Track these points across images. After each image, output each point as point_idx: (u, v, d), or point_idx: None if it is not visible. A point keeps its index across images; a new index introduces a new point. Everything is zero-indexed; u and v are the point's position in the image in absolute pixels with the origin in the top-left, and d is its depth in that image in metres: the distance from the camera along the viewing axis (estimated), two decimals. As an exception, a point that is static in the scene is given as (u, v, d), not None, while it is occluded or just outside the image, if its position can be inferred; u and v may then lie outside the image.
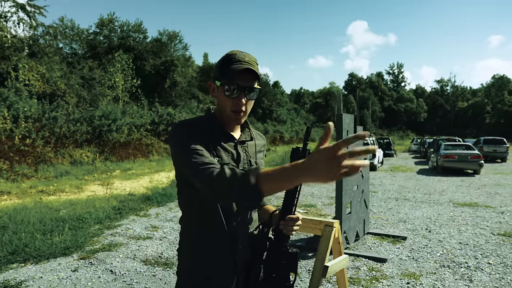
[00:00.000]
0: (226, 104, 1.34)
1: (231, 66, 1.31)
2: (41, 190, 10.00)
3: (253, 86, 1.33)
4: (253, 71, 1.30)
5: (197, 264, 1.35)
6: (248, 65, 1.30)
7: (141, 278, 4.22)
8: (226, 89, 1.31)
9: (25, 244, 5.07)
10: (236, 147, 1.39)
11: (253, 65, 1.32)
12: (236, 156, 1.38)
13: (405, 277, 4.25)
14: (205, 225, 1.34)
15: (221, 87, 1.34)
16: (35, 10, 24.81)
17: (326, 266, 2.72)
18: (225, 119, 1.39)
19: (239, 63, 1.30)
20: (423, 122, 79.22)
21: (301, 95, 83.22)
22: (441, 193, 10.38)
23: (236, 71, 1.28)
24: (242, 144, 1.43)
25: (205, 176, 1.14)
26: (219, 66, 1.36)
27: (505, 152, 21.75)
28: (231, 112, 1.34)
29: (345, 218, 5.09)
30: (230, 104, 1.33)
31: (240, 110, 1.34)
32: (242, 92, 1.32)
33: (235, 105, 1.33)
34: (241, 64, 1.30)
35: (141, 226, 6.49)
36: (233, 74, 1.29)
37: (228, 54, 1.35)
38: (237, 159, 1.38)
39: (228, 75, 1.30)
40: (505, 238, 5.81)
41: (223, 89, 1.32)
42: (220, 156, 1.32)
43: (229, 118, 1.37)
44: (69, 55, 35.97)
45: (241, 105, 1.33)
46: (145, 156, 19.95)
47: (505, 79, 79.43)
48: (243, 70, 1.29)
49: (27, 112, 14.69)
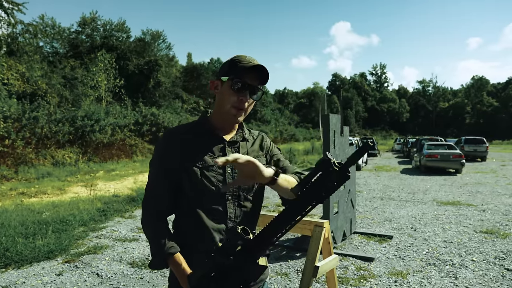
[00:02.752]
0: (229, 100, 1.34)
1: (241, 64, 1.32)
2: (22, 192, 9.77)
3: (259, 87, 1.35)
4: (264, 72, 1.32)
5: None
6: (259, 64, 1.32)
7: (128, 281, 4.15)
8: (234, 83, 1.31)
9: (6, 248, 4.92)
10: (224, 148, 1.38)
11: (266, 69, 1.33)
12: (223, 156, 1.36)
13: (393, 275, 4.30)
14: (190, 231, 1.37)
15: (227, 82, 1.34)
16: (13, 7, 24.15)
17: (317, 266, 2.72)
18: (222, 116, 1.39)
19: (249, 63, 1.33)
20: (405, 122, 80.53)
21: (285, 95, 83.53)
22: (424, 192, 10.56)
23: (246, 67, 1.31)
24: (233, 145, 1.41)
25: (143, 210, 1.39)
26: (228, 63, 1.37)
27: (485, 151, 22.28)
28: (231, 107, 1.34)
29: (333, 218, 5.12)
30: (234, 99, 1.33)
31: (242, 107, 1.34)
32: (248, 90, 1.33)
33: (239, 101, 1.33)
34: (251, 63, 1.33)
35: (126, 228, 6.40)
36: (243, 70, 1.31)
37: (238, 55, 1.38)
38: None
39: (238, 71, 1.32)
40: (487, 236, 5.94)
41: (230, 84, 1.33)
42: (204, 160, 1.33)
43: (229, 114, 1.35)
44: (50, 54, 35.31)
45: (244, 102, 1.33)
46: (129, 157, 19.72)
47: (483, 80, 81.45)
48: (254, 66, 1.31)
49: (6, 112, 14.32)
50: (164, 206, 1.37)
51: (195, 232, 1.35)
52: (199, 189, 1.33)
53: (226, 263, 1.09)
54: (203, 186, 1.33)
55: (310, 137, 51.09)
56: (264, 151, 1.51)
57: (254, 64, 1.32)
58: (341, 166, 0.92)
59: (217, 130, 1.40)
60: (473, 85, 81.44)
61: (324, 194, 0.94)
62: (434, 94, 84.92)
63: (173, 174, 1.35)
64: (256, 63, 1.32)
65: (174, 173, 1.35)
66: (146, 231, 1.37)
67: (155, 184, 1.38)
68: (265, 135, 1.57)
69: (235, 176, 1.36)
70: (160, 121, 23.47)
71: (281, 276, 4.28)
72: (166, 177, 1.36)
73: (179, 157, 1.34)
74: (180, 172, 1.34)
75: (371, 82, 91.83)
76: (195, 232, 1.35)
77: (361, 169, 17.26)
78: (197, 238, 1.34)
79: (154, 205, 1.37)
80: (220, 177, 1.35)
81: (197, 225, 1.34)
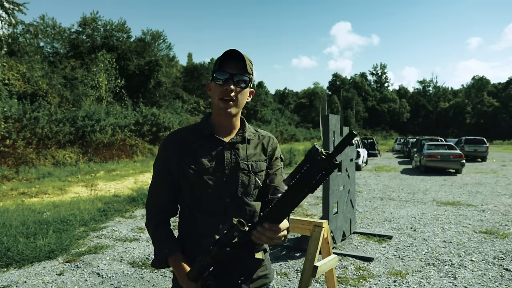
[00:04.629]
0: (215, 94, 1.36)
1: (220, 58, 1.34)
2: (22, 192, 9.79)
3: (241, 74, 1.34)
4: (241, 58, 1.32)
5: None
6: (232, 49, 1.31)
7: (128, 280, 4.17)
8: (215, 78, 1.34)
9: (7, 248, 4.95)
10: (223, 151, 1.38)
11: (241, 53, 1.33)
12: (221, 159, 1.36)
13: (392, 275, 4.32)
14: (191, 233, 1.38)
15: (213, 80, 1.37)
16: (14, 7, 24.20)
17: (316, 266, 2.74)
18: (217, 114, 1.40)
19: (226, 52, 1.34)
20: (406, 122, 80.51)
21: (286, 95, 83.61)
22: (424, 192, 10.57)
23: (222, 57, 1.32)
24: (232, 146, 1.40)
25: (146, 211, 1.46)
26: (214, 64, 1.40)
27: (485, 151, 22.28)
28: (219, 100, 1.34)
29: (332, 218, 5.14)
30: (219, 91, 1.34)
31: (228, 96, 1.33)
32: (230, 79, 1.33)
33: (223, 91, 1.33)
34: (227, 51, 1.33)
35: (127, 228, 6.42)
36: (221, 62, 1.33)
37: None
38: (221, 163, 1.36)
39: (217, 65, 1.34)
40: (486, 236, 5.95)
41: (214, 80, 1.36)
42: (202, 162, 1.34)
43: (219, 108, 1.36)
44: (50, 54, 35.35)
45: (229, 91, 1.33)
46: (129, 157, 19.73)
47: (484, 80, 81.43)
48: (228, 54, 1.31)
49: (7, 112, 14.34)
50: (164, 206, 1.40)
51: (195, 234, 1.35)
52: (197, 191, 1.35)
53: (224, 255, 1.10)
54: (201, 189, 1.34)
55: (311, 137, 51.13)
56: (268, 156, 1.47)
57: (228, 50, 1.31)
58: (328, 155, 0.93)
59: (217, 131, 1.40)
60: (473, 85, 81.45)
61: (314, 182, 0.96)
62: (435, 94, 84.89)
63: (172, 175, 1.38)
64: (230, 49, 1.32)
65: (173, 174, 1.38)
66: (149, 230, 1.42)
67: (155, 184, 1.43)
68: (274, 138, 1.54)
69: (233, 178, 1.36)
70: (161, 121, 23.49)
71: (280, 276, 4.30)
72: (166, 178, 1.40)
73: (178, 160, 1.37)
74: (179, 175, 1.37)
75: (371, 82, 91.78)
76: (195, 234, 1.36)
77: (361, 169, 17.27)
78: (197, 240, 1.33)
79: (155, 205, 1.42)
80: (217, 181, 1.35)
81: (196, 227, 1.35)
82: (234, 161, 1.37)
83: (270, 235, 1.09)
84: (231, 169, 1.36)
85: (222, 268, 1.13)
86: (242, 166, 1.38)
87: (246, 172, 1.38)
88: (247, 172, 1.38)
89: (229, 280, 1.15)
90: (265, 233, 1.08)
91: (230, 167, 1.36)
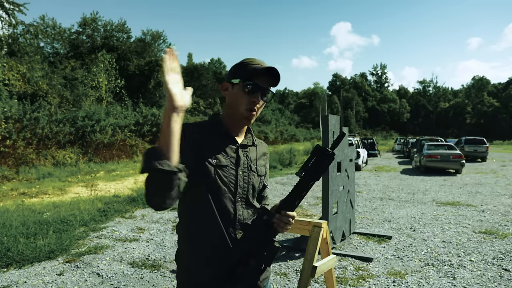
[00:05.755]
0: (241, 102, 1.35)
1: (252, 66, 1.34)
2: (22, 193, 9.80)
3: (269, 90, 1.37)
4: (275, 74, 1.35)
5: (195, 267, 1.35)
6: (272, 66, 1.34)
7: (128, 280, 4.18)
8: (246, 85, 1.33)
9: (7, 248, 4.95)
10: (237, 150, 1.40)
11: (278, 71, 1.35)
12: (236, 159, 1.38)
13: (391, 275, 4.32)
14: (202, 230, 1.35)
15: (239, 85, 1.36)
16: (14, 8, 24.22)
17: (315, 266, 2.75)
18: (235, 118, 1.40)
19: (260, 65, 1.36)
20: (406, 122, 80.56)
21: (286, 96, 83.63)
22: (424, 192, 10.58)
23: (258, 69, 1.33)
24: (244, 148, 1.43)
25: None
26: (239, 66, 1.39)
27: (485, 151, 22.29)
28: (244, 110, 1.35)
29: (332, 218, 5.15)
30: (246, 101, 1.34)
31: (254, 109, 1.36)
32: (261, 92, 1.35)
33: (251, 103, 1.35)
34: (262, 65, 1.35)
35: (127, 228, 6.43)
36: (254, 73, 1.34)
37: (248, 58, 1.40)
38: (237, 162, 1.38)
39: (249, 73, 1.34)
40: (485, 236, 5.96)
41: (242, 86, 1.34)
42: (218, 159, 1.33)
43: (241, 116, 1.37)
44: (50, 54, 35.37)
45: (256, 104, 1.35)
46: (129, 157, 19.73)
47: (484, 80, 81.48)
48: (266, 69, 1.34)
49: (7, 113, 14.34)
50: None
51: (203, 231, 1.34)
52: (212, 187, 1.31)
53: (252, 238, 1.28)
54: (216, 185, 1.32)
55: (311, 137, 51.12)
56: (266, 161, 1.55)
57: (265, 66, 1.34)
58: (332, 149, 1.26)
59: (231, 131, 1.42)
60: (473, 85, 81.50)
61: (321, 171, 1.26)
62: (435, 94, 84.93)
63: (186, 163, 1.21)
64: (268, 66, 1.35)
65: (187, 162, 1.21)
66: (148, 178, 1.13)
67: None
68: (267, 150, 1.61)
69: (245, 178, 1.38)
70: (161, 122, 23.48)
71: (280, 276, 4.31)
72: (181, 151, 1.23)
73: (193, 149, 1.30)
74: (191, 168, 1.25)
75: (371, 82, 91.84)
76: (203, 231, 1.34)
77: (361, 169, 17.27)
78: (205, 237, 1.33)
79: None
80: (232, 178, 1.35)
81: (205, 224, 1.33)
82: (246, 163, 1.40)
83: (286, 221, 1.26)
84: (244, 170, 1.39)
85: (250, 255, 1.26)
86: (253, 168, 1.42)
87: (255, 175, 1.43)
88: (256, 174, 1.43)
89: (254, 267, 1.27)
90: (283, 219, 1.25)
91: (243, 167, 1.39)
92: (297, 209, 8.02)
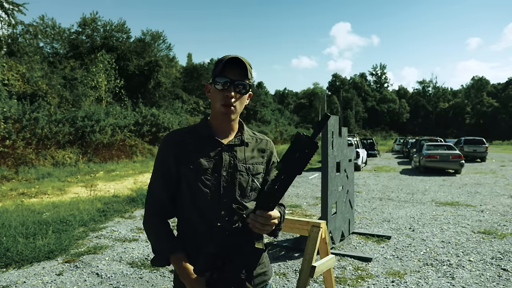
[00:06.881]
0: (216, 99, 1.38)
1: (221, 62, 1.36)
2: (22, 193, 9.80)
3: (242, 80, 1.36)
4: (242, 64, 1.35)
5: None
6: (235, 56, 1.35)
7: (127, 280, 4.19)
8: (216, 82, 1.36)
9: (6, 248, 4.96)
10: (221, 152, 1.40)
11: (243, 59, 1.35)
12: (219, 161, 1.39)
13: (390, 275, 4.33)
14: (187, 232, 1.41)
15: (213, 83, 1.39)
16: (13, 8, 24.20)
17: (314, 266, 2.76)
18: (217, 117, 1.42)
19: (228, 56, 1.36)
20: (405, 122, 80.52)
21: (285, 96, 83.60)
22: (423, 192, 10.59)
23: (223, 62, 1.34)
24: (230, 148, 1.42)
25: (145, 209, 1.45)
26: (214, 66, 1.42)
27: (484, 152, 22.30)
28: (220, 106, 1.37)
29: (331, 219, 5.16)
30: (220, 97, 1.36)
31: (229, 103, 1.36)
32: (231, 85, 1.35)
33: (224, 98, 1.35)
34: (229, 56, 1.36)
35: (126, 228, 6.43)
36: (222, 67, 1.34)
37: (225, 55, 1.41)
38: (219, 164, 1.38)
39: (218, 69, 1.35)
40: (484, 236, 5.97)
41: (214, 84, 1.37)
42: (200, 163, 1.36)
43: (219, 113, 1.39)
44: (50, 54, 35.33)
45: (230, 98, 1.35)
46: (129, 157, 19.74)
47: (483, 81, 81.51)
48: (230, 60, 1.34)
49: (7, 113, 14.35)
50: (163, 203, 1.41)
51: (193, 235, 1.38)
52: (194, 191, 1.36)
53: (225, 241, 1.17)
54: (198, 189, 1.36)
55: (310, 138, 50.98)
56: (266, 158, 1.51)
57: (230, 56, 1.34)
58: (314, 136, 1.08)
59: (216, 133, 1.43)
60: (473, 85, 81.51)
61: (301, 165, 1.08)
62: (434, 95, 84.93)
63: (171, 174, 1.40)
64: (232, 56, 1.35)
65: (172, 173, 1.39)
66: (147, 227, 1.42)
67: (154, 183, 1.43)
68: (270, 142, 1.57)
69: (229, 179, 1.38)
70: (160, 122, 23.51)
71: (279, 276, 4.32)
72: (165, 177, 1.40)
73: (176, 159, 1.38)
74: (177, 174, 1.39)
75: (371, 83, 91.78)
76: (193, 234, 1.38)
77: (360, 169, 17.29)
78: (195, 240, 1.37)
79: (153, 203, 1.42)
80: (215, 181, 1.37)
81: (194, 227, 1.37)
82: (232, 163, 1.40)
83: (262, 221, 1.15)
84: (229, 171, 1.38)
85: (225, 259, 1.17)
86: (240, 168, 1.40)
87: (244, 174, 1.41)
88: (245, 174, 1.41)
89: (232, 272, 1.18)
90: (258, 219, 1.15)
91: (228, 168, 1.39)
92: (296, 210, 8.03)
